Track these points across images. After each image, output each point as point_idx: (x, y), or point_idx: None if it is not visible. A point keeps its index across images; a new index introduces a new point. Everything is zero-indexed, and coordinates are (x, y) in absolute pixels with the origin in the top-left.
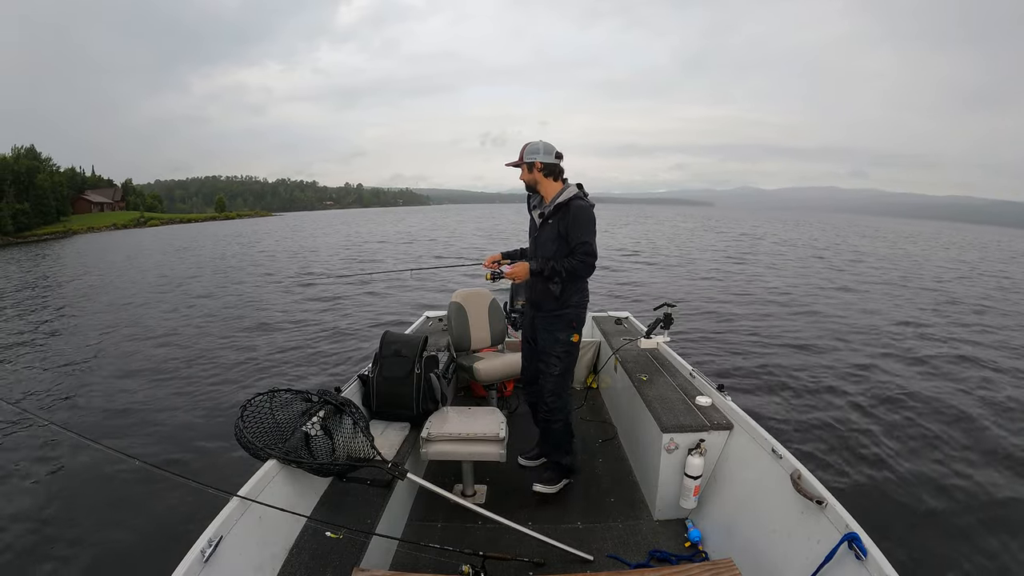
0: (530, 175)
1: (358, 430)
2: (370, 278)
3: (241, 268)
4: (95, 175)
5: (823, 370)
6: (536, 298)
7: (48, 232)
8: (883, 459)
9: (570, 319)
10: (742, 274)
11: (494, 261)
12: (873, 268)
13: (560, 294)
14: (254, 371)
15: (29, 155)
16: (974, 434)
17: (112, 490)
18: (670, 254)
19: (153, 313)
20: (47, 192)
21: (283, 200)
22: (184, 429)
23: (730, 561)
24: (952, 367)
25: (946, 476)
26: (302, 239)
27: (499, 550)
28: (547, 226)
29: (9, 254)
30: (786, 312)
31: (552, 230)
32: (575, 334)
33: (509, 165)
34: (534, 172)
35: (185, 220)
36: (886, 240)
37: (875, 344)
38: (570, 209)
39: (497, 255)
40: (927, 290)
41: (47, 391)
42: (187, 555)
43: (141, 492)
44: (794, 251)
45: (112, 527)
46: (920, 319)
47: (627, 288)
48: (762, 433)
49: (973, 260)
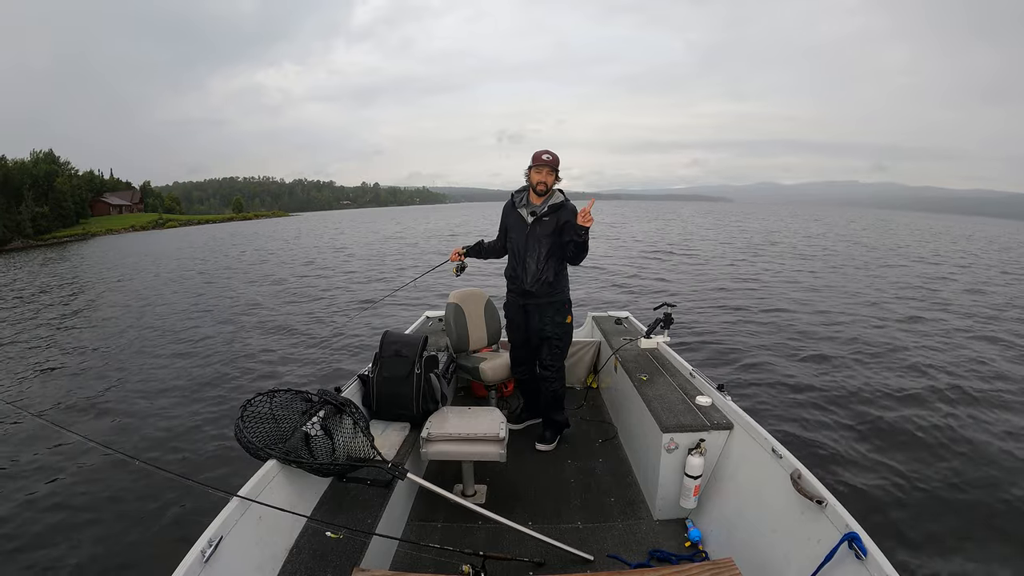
0: (554, 181)
1: (358, 430)
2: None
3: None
4: (113, 178)
5: (823, 370)
6: (531, 288)
7: (67, 234)
8: (883, 459)
9: (562, 302)
10: (742, 274)
11: (458, 254)
12: (879, 263)
13: (554, 282)
14: (254, 371)
15: (48, 159)
16: (975, 434)
17: (112, 490)
18: (689, 251)
19: (153, 312)
20: (66, 195)
21: (300, 200)
22: (184, 429)
23: (730, 561)
24: (952, 367)
25: (947, 476)
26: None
27: (499, 550)
28: (542, 223)
29: (28, 256)
30: (787, 312)
31: (547, 227)
32: (568, 315)
33: (547, 164)
34: (556, 180)
35: (203, 221)
36: (898, 235)
37: (875, 344)
38: (567, 210)
39: (460, 248)
40: (926, 291)
41: (47, 390)
42: (187, 555)
43: (141, 492)
44: (800, 248)
45: (112, 527)
46: (920, 319)
47: (650, 283)
48: (762, 433)
49: (979, 252)
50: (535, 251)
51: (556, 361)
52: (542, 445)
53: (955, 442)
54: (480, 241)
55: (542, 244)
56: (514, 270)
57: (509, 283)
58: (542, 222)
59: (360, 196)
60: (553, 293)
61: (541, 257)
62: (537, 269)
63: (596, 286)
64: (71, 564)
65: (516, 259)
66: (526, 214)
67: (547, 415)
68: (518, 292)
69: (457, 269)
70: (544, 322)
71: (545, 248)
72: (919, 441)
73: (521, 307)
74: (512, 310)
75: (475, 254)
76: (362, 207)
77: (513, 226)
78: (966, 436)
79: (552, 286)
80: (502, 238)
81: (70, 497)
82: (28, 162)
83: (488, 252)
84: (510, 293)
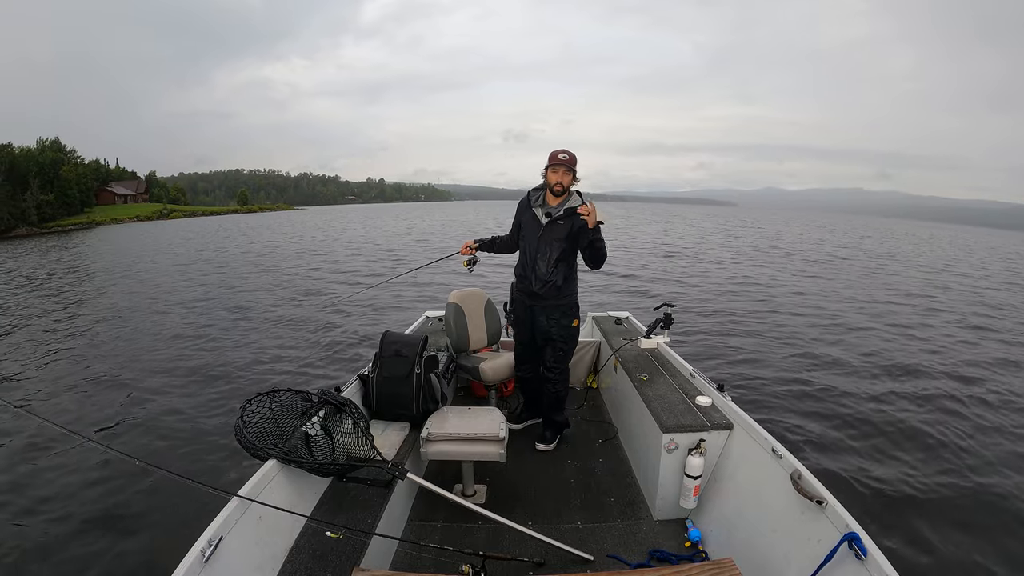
0: (571, 181)
1: (358, 430)
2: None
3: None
4: (119, 167)
5: (823, 370)
6: (539, 290)
7: (72, 223)
8: (883, 459)
9: (569, 306)
10: (742, 275)
11: (469, 248)
12: (881, 269)
13: (562, 286)
14: (255, 370)
15: (54, 147)
16: (976, 433)
17: (112, 490)
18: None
19: (151, 310)
20: (71, 183)
21: (305, 194)
22: (184, 428)
23: (730, 561)
24: (952, 367)
25: (947, 476)
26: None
27: (499, 550)
28: (556, 226)
29: (32, 244)
30: (786, 312)
31: (563, 230)
32: (575, 319)
33: (563, 163)
34: (574, 180)
35: (208, 213)
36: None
37: (876, 344)
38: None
39: (471, 242)
40: (929, 288)
41: (47, 389)
42: (187, 555)
43: (141, 492)
44: (801, 254)
45: (112, 527)
46: (921, 320)
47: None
48: (762, 433)
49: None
50: (546, 254)
51: (559, 364)
52: (542, 445)
53: (955, 442)
54: (493, 237)
55: (553, 247)
56: (524, 270)
57: (518, 282)
58: (556, 225)
59: (365, 191)
60: (561, 297)
61: (551, 260)
62: (547, 272)
63: (596, 286)
64: (71, 564)
65: (527, 260)
66: (541, 215)
67: (547, 415)
68: (526, 292)
69: (468, 262)
70: (550, 324)
71: (556, 252)
72: (919, 441)
73: (528, 307)
74: (519, 308)
75: (487, 248)
76: (367, 202)
77: (526, 225)
78: (967, 436)
79: (560, 290)
80: (515, 235)
81: (69, 497)
82: (34, 150)
83: (500, 247)
84: (519, 292)
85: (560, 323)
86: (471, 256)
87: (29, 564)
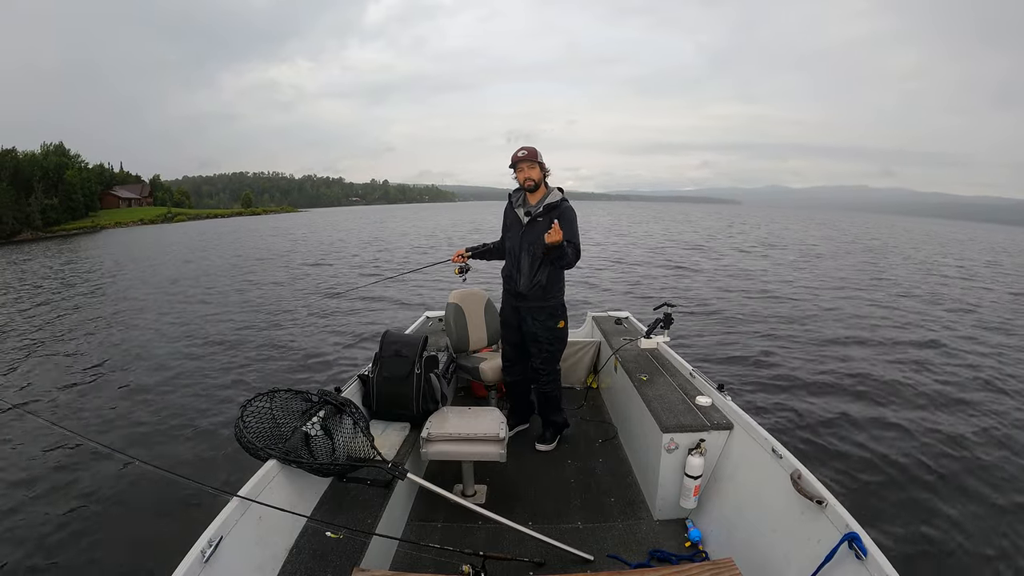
0: (540, 175)
1: (358, 430)
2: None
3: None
4: (123, 171)
5: (823, 370)
6: (525, 291)
7: (76, 227)
8: (883, 459)
9: (555, 307)
10: (742, 275)
11: (461, 255)
12: (880, 267)
13: (547, 286)
14: (255, 371)
15: (58, 152)
16: (976, 433)
17: (112, 490)
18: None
19: (152, 312)
20: (75, 187)
21: (309, 196)
22: (184, 429)
23: (730, 561)
24: (953, 367)
25: (947, 475)
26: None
27: (499, 550)
28: (536, 224)
29: (36, 248)
30: (787, 312)
31: (542, 228)
32: (561, 320)
33: (523, 159)
34: (543, 172)
35: (212, 216)
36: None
37: (876, 344)
38: (562, 210)
39: (463, 250)
40: (927, 289)
41: (46, 389)
42: (187, 555)
43: (141, 492)
44: (800, 252)
45: (112, 527)
46: (921, 321)
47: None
48: (762, 433)
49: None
50: (529, 253)
51: (547, 365)
52: (542, 445)
53: (956, 442)
54: (485, 244)
55: (536, 246)
56: (509, 271)
57: (505, 283)
58: (536, 223)
59: (369, 193)
60: (546, 297)
61: (536, 257)
62: (531, 271)
63: (596, 286)
64: (71, 564)
65: (512, 260)
66: (522, 214)
67: (545, 416)
68: (512, 293)
69: (460, 270)
70: (536, 326)
71: (540, 249)
72: (920, 441)
73: (515, 308)
74: (506, 310)
75: (480, 256)
76: (371, 204)
77: (510, 227)
78: (967, 436)
79: (545, 290)
80: (503, 239)
81: (69, 497)
82: (39, 154)
83: (493, 254)
84: (505, 293)
85: (546, 324)
86: (463, 264)
87: (29, 564)
